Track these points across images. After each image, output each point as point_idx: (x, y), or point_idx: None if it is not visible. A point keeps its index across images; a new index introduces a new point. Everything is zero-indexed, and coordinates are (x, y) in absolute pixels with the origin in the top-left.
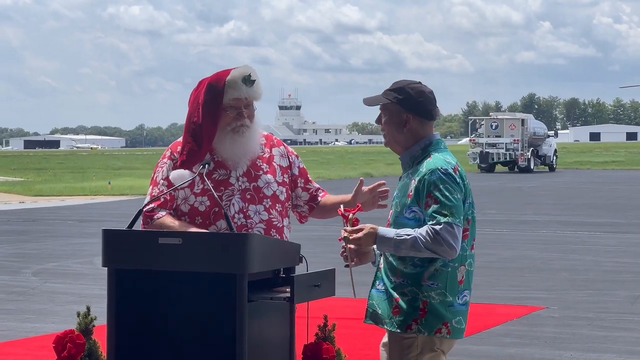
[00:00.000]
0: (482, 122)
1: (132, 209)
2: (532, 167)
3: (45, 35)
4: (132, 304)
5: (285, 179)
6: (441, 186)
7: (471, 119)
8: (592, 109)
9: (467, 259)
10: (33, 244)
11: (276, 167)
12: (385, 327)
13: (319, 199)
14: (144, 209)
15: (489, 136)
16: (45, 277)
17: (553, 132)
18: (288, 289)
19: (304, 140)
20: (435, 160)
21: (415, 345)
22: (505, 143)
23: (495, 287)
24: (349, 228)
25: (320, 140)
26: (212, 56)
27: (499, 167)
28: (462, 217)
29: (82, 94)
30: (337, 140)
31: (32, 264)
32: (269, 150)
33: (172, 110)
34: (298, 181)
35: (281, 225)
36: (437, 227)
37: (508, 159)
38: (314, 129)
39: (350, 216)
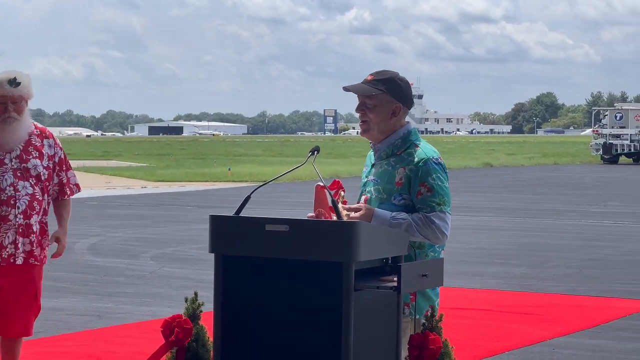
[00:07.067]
0: (606, 113)
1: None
2: None
3: (169, 22)
4: (238, 291)
5: (49, 164)
6: (434, 175)
7: (595, 110)
8: None
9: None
10: (153, 228)
11: (44, 154)
12: None
13: (64, 195)
14: None
15: (613, 127)
16: (163, 261)
17: None
18: (395, 278)
19: (426, 129)
20: (425, 150)
21: (410, 329)
22: (630, 134)
23: (615, 281)
24: (346, 206)
25: (442, 129)
26: (334, 44)
27: (622, 159)
28: (451, 206)
29: (205, 81)
30: (458, 129)
31: (151, 249)
32: (40, 141)
33: (294, 97)
34: (55, 167)
35: (41, 199)
36: (431, 214)
37: (633, 150)
38: (435, 119)
39: (342, 193)
